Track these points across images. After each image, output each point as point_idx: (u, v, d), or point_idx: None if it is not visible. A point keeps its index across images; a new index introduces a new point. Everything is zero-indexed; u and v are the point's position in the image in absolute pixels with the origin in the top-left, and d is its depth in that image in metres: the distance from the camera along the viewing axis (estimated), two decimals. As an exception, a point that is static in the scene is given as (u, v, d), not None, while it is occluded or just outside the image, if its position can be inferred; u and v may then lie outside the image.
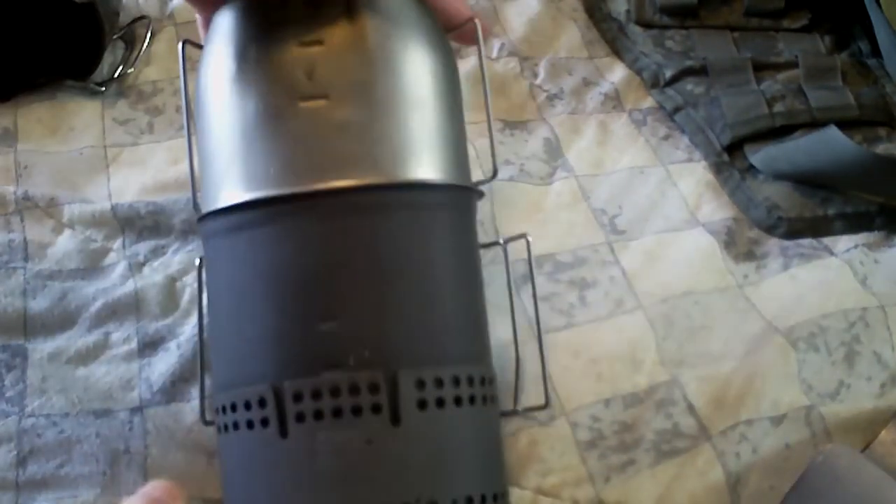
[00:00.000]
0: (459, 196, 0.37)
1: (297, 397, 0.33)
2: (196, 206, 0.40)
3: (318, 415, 0.32)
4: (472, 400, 0.35)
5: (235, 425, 0.34)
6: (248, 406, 0.33)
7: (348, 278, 0.34)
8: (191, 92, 0.40)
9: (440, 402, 0.34)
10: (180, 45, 0.40)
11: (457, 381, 0.34)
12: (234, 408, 0.34)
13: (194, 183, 0.40)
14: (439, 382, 0.34)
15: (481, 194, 0.39)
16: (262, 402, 0.33)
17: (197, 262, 0.42)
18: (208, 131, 0.37)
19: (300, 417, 0.33)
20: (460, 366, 0.35)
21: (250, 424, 0.33)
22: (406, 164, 0.35)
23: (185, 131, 0.41)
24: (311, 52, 0.35)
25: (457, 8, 0.39)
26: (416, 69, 0.36)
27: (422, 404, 0.33)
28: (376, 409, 0.33)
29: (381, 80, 0.35)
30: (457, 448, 0.34)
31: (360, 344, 0.33)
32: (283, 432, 0.33)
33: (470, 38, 0.39)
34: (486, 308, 0.38)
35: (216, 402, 0.35)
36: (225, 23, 0.37)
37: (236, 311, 0.35)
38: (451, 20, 0.39)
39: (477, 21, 0.39)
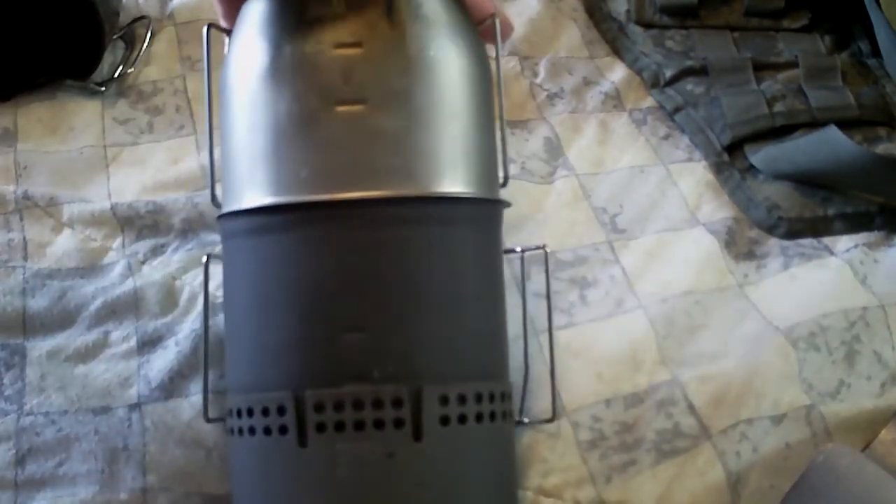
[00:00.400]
0: (490, 209, 0.37)
1: (319, 407, 0.32)
2: (214, 199, 0.39)
3: (340, 426, 0.32)
4: (492, 416, 0.35)
5: (251, 430, 0.34)
6: (265, 412, 0.33)
7: (377, 290, 0.33)
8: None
9: (462, 419, 0.33)
10: (205, 28, 0.39)
11: (479, 398, 0.34)
12: (250, 412, 0.34)
13: (213, 175, 0.39)
14: (462, 399, 0.33)
15: (508, 204, 0.39)
16: (281, 410, 0.33)
17: (203, 259, 0.41)
18: (234, 128, 0.36)
19: (321, 428, 0.32)
20: (482, 382, 0.34)
21: (267, 431, 0.33)
22: (441, 176, 0.34)
23: (206, 123, 0.40)
24: (348, 55, 0.34)
25: (481, 2, 0.38)
26: (455, 77, 0.35)
27: (444, 420, 0.33)
28: (399, 423, 0.32)
29: (420, 88, 0.34)
30: (475, 464, 0.34)
31: (385, 357, 0.33)
32: (303, 441, 0.32)
33: (490, 35, 0.38)
34: (506, 321, 0.38)
35: (230, 404, 0.35)
36: (256, 14, 0.36)
37: (257, 313, 0.34)
38: (474, 15, 0.38)
39: (497, 19, 0.38)
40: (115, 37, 0.60)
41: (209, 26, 0.39)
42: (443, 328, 0.34)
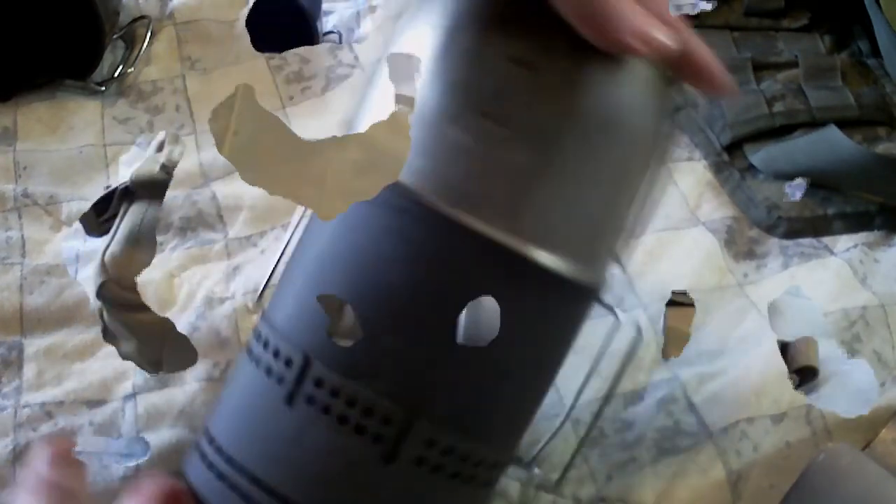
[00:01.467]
0: (590, 301, 0.35)
1: (318, 382, 0.32)
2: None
3: (326, 409, 0.32)
4: (470, 478, 0.33)
5: (259, 360, 0.33)
6: (276, 354, 0.33)
7: (440, 317, 0.31)
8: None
9: (437, 468, 0.32)
10: None
11: (465, 458, 0.33)
12: (265, 345, 0.33)
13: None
14: (449, 451, 0.32)
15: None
16: (288, 362, 0.32)
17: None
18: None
19: (310, 400, 0.32)
20: (480, 444, 0.33)
21: (269, 371, 0.33)
22: (556, 244, 0.31)
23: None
24: (513, 69, 0.31)
25: (715, 77, 0.34)
26: (616, 148, 0.32)
27: (419, 461, 0.32)
28: (378, 439, 0.32)
29: (570, 144, 0.31)
30: None
31: (401, 375, 0.32)
32: (289, 400, 0.32)
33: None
34: (544, 398, 0.36)
35: (258, 327, 0.35)
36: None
37: (328, 269, 0.33)
38: (700, 81, 0.34)
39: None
40: (115, 37, 0.60)
41: None
42: (476, 382, 0.32)
